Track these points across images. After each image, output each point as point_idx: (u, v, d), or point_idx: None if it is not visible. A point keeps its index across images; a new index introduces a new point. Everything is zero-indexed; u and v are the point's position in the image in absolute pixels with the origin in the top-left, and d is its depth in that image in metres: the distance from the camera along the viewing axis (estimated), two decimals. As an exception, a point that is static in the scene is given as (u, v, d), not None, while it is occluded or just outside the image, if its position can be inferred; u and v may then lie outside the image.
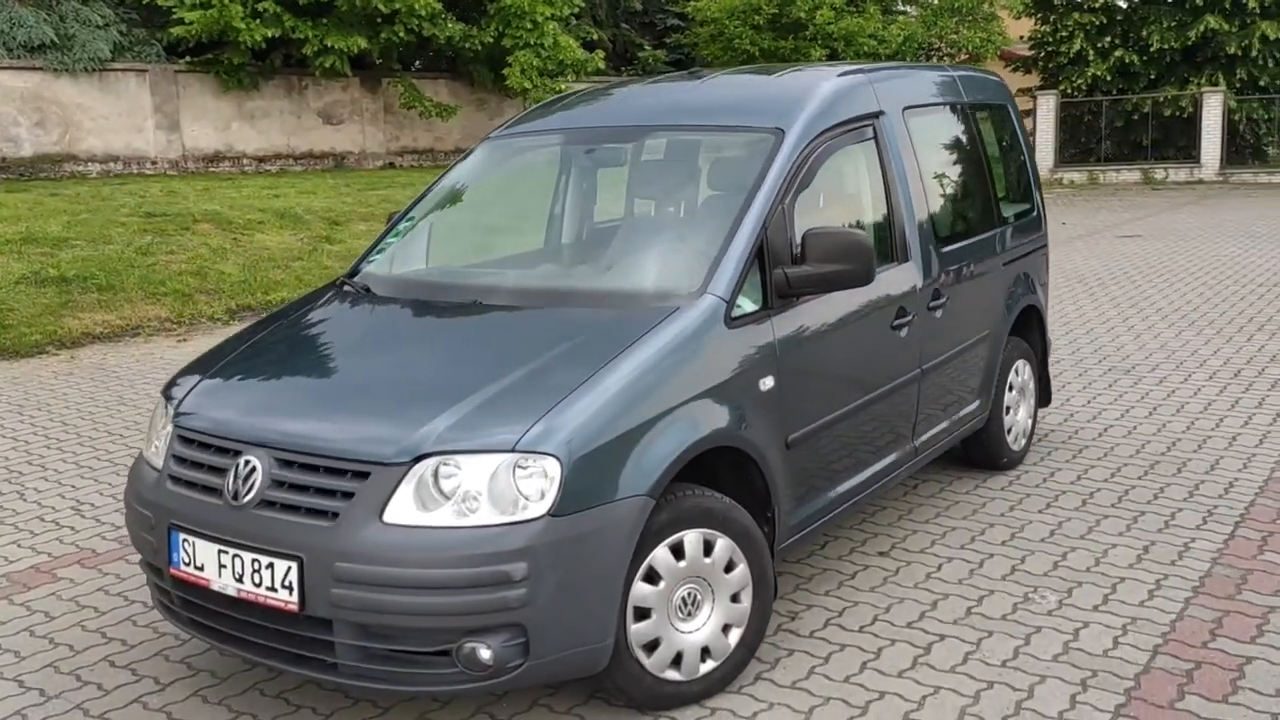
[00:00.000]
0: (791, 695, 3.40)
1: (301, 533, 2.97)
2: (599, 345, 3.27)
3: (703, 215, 3.96)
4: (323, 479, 3.02)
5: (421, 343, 3.58)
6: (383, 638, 2.95)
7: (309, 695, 3.50)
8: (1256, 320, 9.00)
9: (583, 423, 2.99)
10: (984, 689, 3.41)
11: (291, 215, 13.70)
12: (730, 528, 3.34)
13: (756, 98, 4.22)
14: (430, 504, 2.92)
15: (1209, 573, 4.20)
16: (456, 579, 2.85)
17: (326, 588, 2.92)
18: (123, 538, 4.90)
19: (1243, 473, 5.32)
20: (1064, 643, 3.68)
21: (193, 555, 3.17)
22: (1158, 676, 3.44)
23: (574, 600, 2.95)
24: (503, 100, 24.15)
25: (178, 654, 3.82)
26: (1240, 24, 26.15)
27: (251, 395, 3.46)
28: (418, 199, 4.56)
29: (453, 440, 2.95)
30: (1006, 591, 4.10)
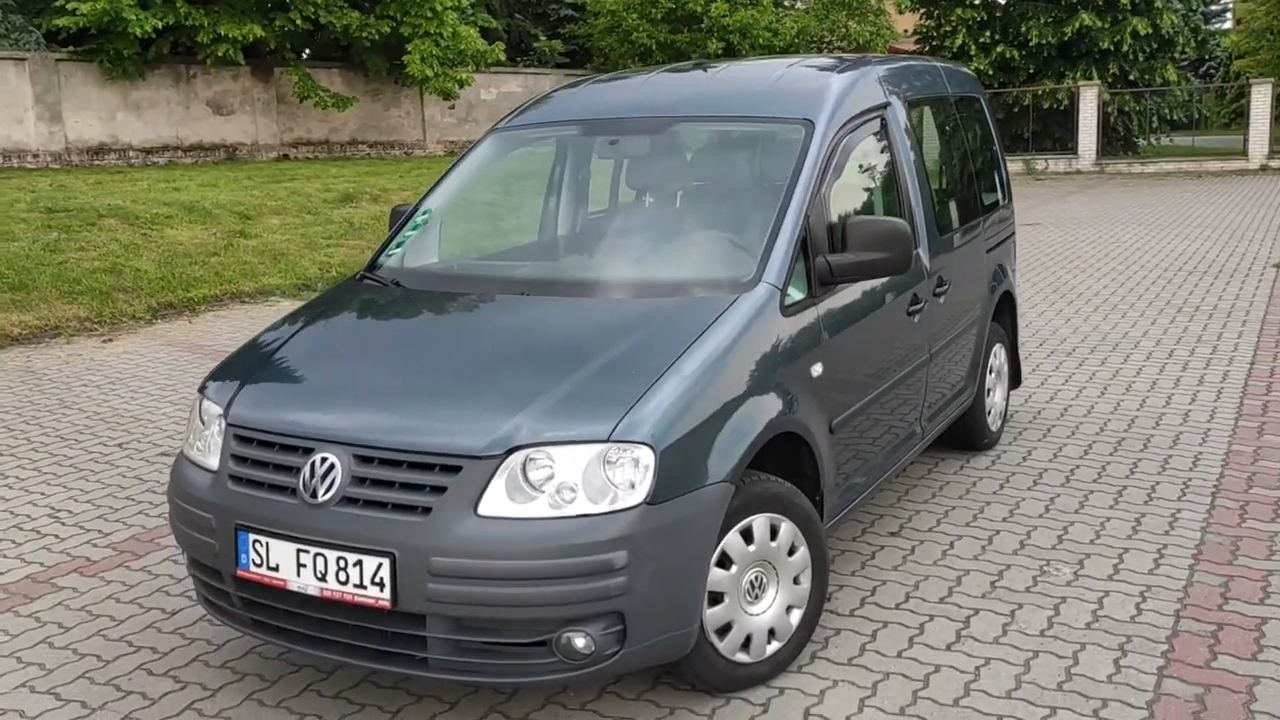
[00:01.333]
0: (851, 672, 3.50)
1: (392, 529, 2.93)
2: (670, 334, 3.30)
3: (744, 205, 4.01)
4: (409, 474, 2.98)
5: (482, 335, 3.56)
6: (478, 630, 2.94)
7: (369, 693, 3.45)
8: (1174, 303, 9.49)
9: (668, 411, 3.02)
10: (1031, 658, 3.56)
11: (199, 209, 13.28)
12: (793, 512, 3.42)
13: (779, 89, 4.29)
14: (524, 496, 2.92)
15: (1202, 541, 4.45)
16: (558, 569, 2.85)
17: (421, 583, 2.89)
18: (116, 544, 4.75)
19: (1204, 446, 5.63)
20: (1092, 611, 3.86)
21: (265, 556, 3.10)
22: (1187, 639, 3.64)
23: (667, 587, 2.99)
24: (399, 91, 23.82)
25: (217, 659, 3.72)
26: (1113, 20, 27.41)
27: (315, 392, 3.39)
28: (429, 191, 4.51)
29: (545, 432, 2.95)
30: (1021, 565, 4.27)
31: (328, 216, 13.81)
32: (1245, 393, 6.61)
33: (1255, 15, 39.24)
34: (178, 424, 6.57)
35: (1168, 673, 3.44)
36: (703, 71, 4.68)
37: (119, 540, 4.80)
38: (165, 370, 8.01)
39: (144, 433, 6.40)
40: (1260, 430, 5.87)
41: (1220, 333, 8.28)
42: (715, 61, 5.06)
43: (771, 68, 4.69)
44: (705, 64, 4.87)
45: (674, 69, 4.96)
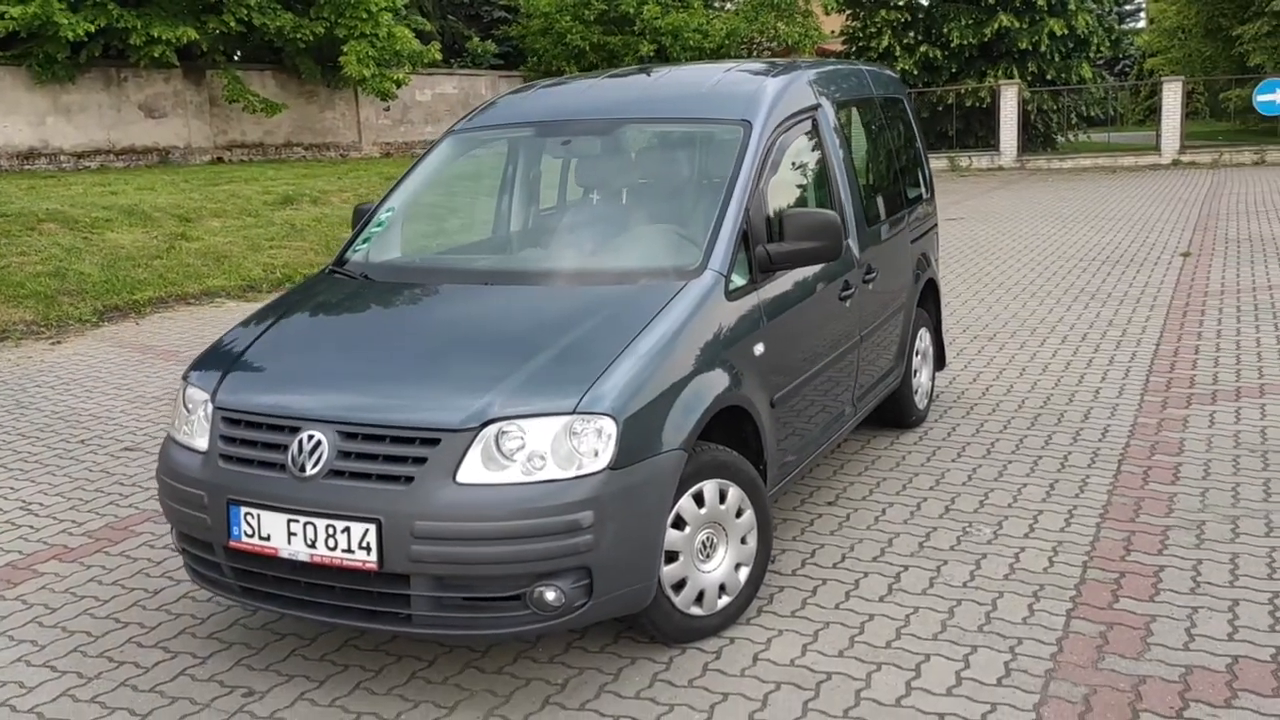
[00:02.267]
0: (794, 622, 3.85)
1: (377, 497, 3.21)
2: (626, 317, 3.62)
3: (689, 199, 4.35)
4: (392, 448, 3.27)
5: (452, 321, 3.85)
6: (458, 587, 3.23)
7: (352, 654, 3.73)
8: (1087, 290, 10.03)
9: (628, 385, 3.34)
10: (955, 605, 3.93)
11: (139, 213, 13.29)
12: (740, 477, 3.75)
13: (717, 93, 4.63)
14: (498, 464, 3.22)
15: (1109, 502, 4.87)
16: (531, 528, 3.16)
17: (406, 545, 3.17)
18: (92, 532, 4.95)
19: (1112, 420, 6.09)
20: (1009, 564, 4.26)
21: (257, 527, 3.36)
22: (1093, 586, 4.04)
23: (628, 544, 3.31)
24: (333, 93, 23.83)
25: (203, 630, 3.96)
26: (1030, 21, 28.29)
27: (298, 377, 3.65)
28: (391, 190, 4.77)
29: (516, 406, 3.25)
30: (946, 528, 4.66)
31: (269, 219, 13.91)
32: (1151, 370, 7.10)
33: (1167, 15, 40.69)
34: (138, 421, 6.74)
35: (1075, 614, 3.83)
36: (645, 76, 5.01)
37: (94, 529, 5.00)
38: (118, 370, 8.14)
39: (104, 430, 6.57)
40: (1164, 404, 6.34)
41: (1130, 317, 8.81)
42: (657, 66, 5.39)
43: (709, 72, 5.03)
44: (648, 69, 5.20)
45: (618, 74, 5.28)
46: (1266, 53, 32.90)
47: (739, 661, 3.59)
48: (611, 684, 3.49)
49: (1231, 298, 9.40)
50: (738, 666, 3.56)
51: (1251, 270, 10.74)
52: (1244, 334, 7.98)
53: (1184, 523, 4.60)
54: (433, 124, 26.39)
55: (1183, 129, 27.49)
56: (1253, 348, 7.57)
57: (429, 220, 4.74)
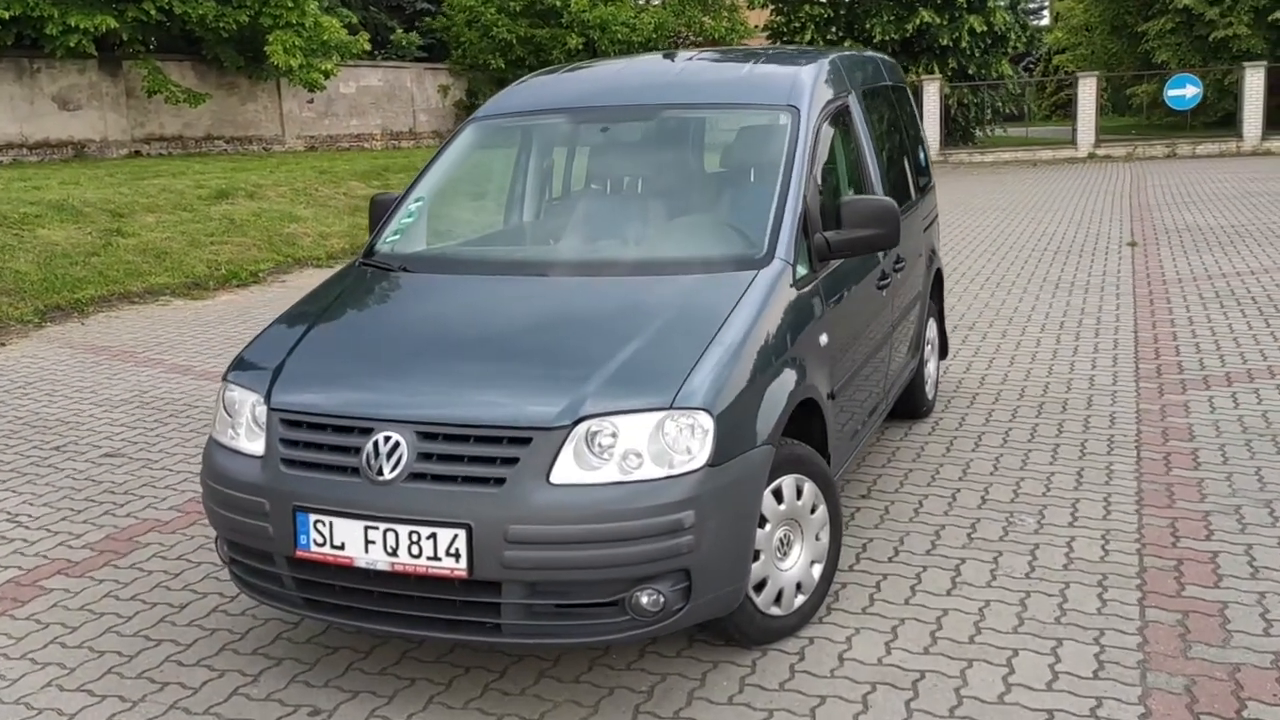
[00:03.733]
0: (868, 619, 3.75)
1: (467, 501, 3.03)
2: (703, 308, 3.48)
3: (744, 186, 4.22)
4: (478, 448, 3.08)
5: (519, 315, 3.66)
6: (552, 594, 3.07)
7: (414, 667, 3.53)
8: (1049, 279, 10.17)
9: (718, 378, 3.20)
10: (1024, 597, 3.88)
11: (68, 208, 12.69)
12: (814, 472, 3.65)
13: (758, 77, 4.51)
14: (593, 463, 3.06)
15: (1140, 489, 4.88)
16: (631, 530, 3.00)
17: (498, 551, 3.00)
18: (92, 544, 4.66)
19: (1115, 407, 6.13)
20: (1065, 554, 4.22)
21: (328, 535, 3.15)
22: (1155, 574, 4.03)
23: (725, 544, 3.17)
24: (255, 85, 23.18)
25: (246, 646, 3.73)
26: (950, 18, 28.74)
27: (364, 375, 3.43)
28: (414, 182, 4.54)
29: (609, 402, 3.09)
30: (989, 518, 4.61)
31: (205, 214, 13.41)
32: (1138, 357, 7.18)
33: (1074, 13, 41.74)
34: (111, 425, 6.39)
35: (1147, 603, 3.80)
36: (671, 61, 4.87)
37: (94, 541, 4.70)
38: (74, 373, 7.73)
39: (78, 436, 6.21)
40: (1160, 390, 6.41)
41: (1100, 305, 8.93)
42: (678, 52, 5.25)
43: (739, 57, 4.91)
44: (671, 54, 5.06)
45: (640, 60, 5.13)
46: (1170, 49, 33.90)
47: (825, 662, 3.49)
48: (700, 690, 3.36)
49: (1190, 285, 9.59)
50: (825, 667, 3.45)
51: (1200, 259, 10.99)
52: (1215, 321, 8.14)
53: (1221, 508, 4.62)
54: (358, 117, 25.84)
55: (1098, 123, 28.22)
56: (1228, 334, 7.71)
57: (461, 210, 4.54)
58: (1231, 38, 31.51)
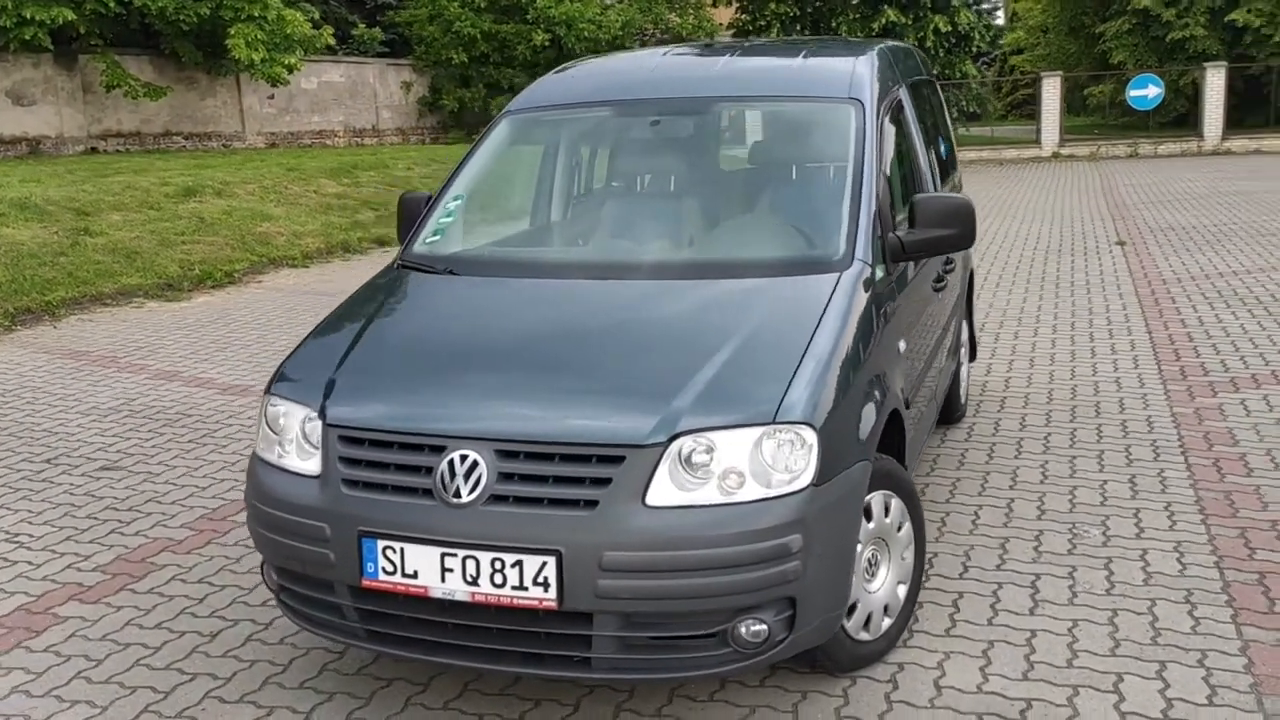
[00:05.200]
0: (954, 643, 3.55)
1: (556, 525, 2.78)
2: (790, 314, 3.26)
3: (813, 183, 3.99)
4: (565, 467, 2.83)
5: (592, 321, 3.39)
6: (649, 625, 2.83)
7: (479, 702, 3.27)
8: (1049, 279, 10.07)
9: (816, 390, 2.98)
10: (1113, 616, 3.69)
11: (32, 206, 12.21)
12: (901, 488, 3.44)
13: (814, 69, 4.29)
14: (691, 483, 2.82)
15: (1199, 498, 4.73)
16: (736, 556, 2.77)
17: (591, 580, 2.75)
18: (103, 566, 4.34)
19: (1148, 410, 5.99)
20: (1141, 569, 4.05)
21: (399, 563, 2.88)
22: (1240, 589, 3.86)
23: (830, 568, 2.95)
24: (215, 80, 22.62)
25: (291, 680, 3.44)
26: (915, 17, 28.78)
27: (431, 388, 3.16)
28: (450, 180, 4.24)
29: (706, 417, 2.86)
30: (1052, 530, 4.43)
31: (174, 212, 12.97)
32: (1158, 359, 7.06)
33: (1032, 14, 42.06)
34: (102, 435, 6.05)
35: (1241, 621, 3.64)
36: (717, 52, 4.63)
37: (105, 563, 4.38)
38: (54, 380, 7.34)
39: (69, 447, 5.86)
40: (1190, 393, 6.28)
41: (1106, 305, 8.83)
42: (718, 42, 5.02)
43: (787, 48, 4.70)
44: (712, 45, 4.83)
45: (681, 50, 4.89)
46: (1127, 50, 34.22)
47: (921, 691, 3.27)
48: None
49: (1189, 285, 9.53)
50: (923, 696, 3.24)
51: (1192, 258, 10.95)
52: (1225, 321, 8.05)
53: (1287, 516, 4.48)
54: (319, 113, 25.33)
55: (1061, 123, 28.41)
56: (1241, 335, 7.62)
57: (502, 209, 4.27)
58: (1188, 39, 31.88)
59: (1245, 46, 31.44)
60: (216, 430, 6.12)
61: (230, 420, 6.31)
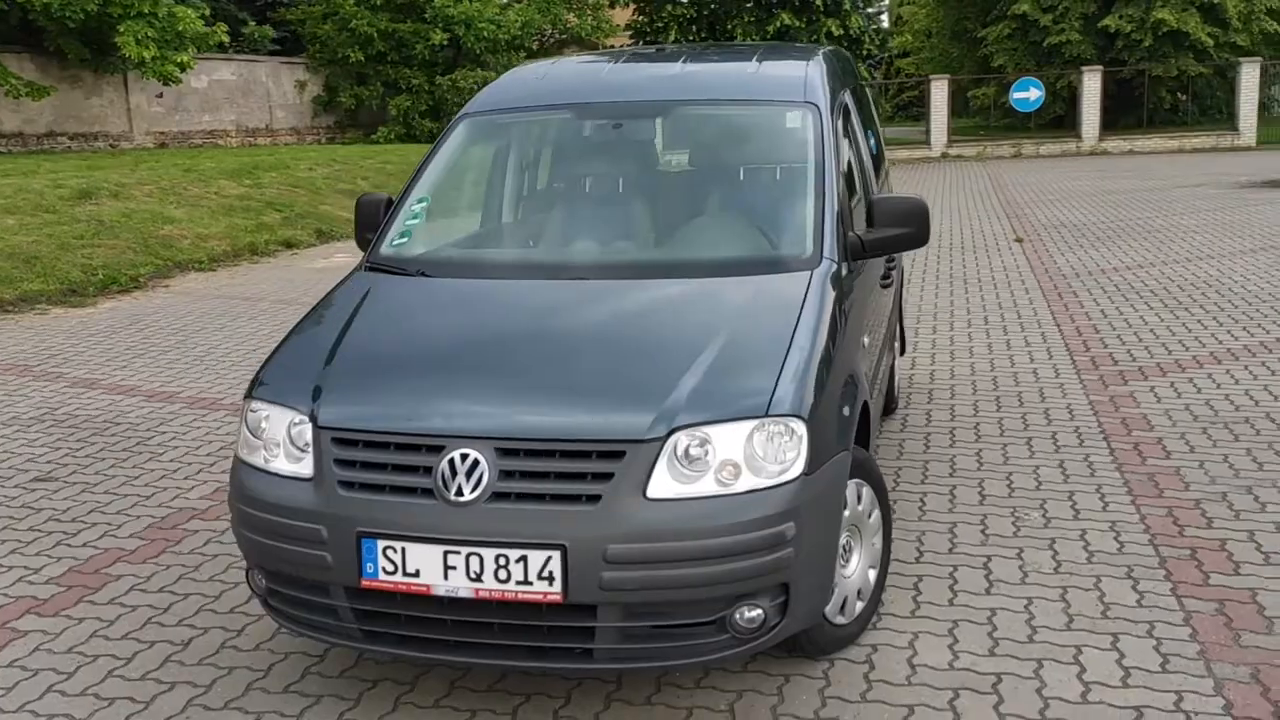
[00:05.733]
0: (921, 623, 3.70)
1: (560, 520, 2.84)
2: (770, 311, 3.37)
3: (780, 184, 4.10)
4: (566, 463, 2.89)
5: (577, 320, 3.45)
6: (650, 615, 2.91)
7: (468, 699, 3.31)
8: (955, 275, 10.43)
9: (803, 383, 3.09)
10: (1063, 593, 3.89)
11: (-83, 209, 11.72)
12: (871, 477, 3.58)
13: (769, 74, 4.41)
14: (689, 476, 2.91)
15: (1125, 479, 5.00)
16: (735, 545, 2.87)
17: (596, 572, 2.82)
18: (55, 579, 4.25)
19: (1067, 399, 6.28)
20: (1084, 548, 4.27)
21: (401, 563, 2.91)
22: (1176, 564, 4.11)
23: (819, 555, 3.07)
24: (101, 79, 21.90)
25: (275, 684, 3.43)
26: (808, 20, 29.36)
27: (424, 388, 3.17)
28: (411, 182, 4.24)
29: (702, 411, 2.95)
30: (995, 514, 4.64)
31: (71, 215, 12.55)
32: (1069, 351, 7.40)
33: (917, 17, 43.19)
34: (29, 446, 5.87)
35: (1181, 594, 3.87)
36: (670, 58, 4.72)
37: (56, 575, 4.28)
38: (-34, 389, 7.08)
39: (-6, 458, 5.68)
40: (1103, 382, 6.61)
41: (1014, 300, 9.19)
42: (669, 48, 5.11)
43: (738, 53, 4.81)
44: (664, 50, 4.93)
45: (634, 55, 4.96)
46: (1007, 54, 35.47)
47: (898, 669, 3.42)
48: (782, 706, 3.24)
49: (1089, 280, 9.97)
50: (900, 675, 3.39)
51: (1087, 254, 11.46)
52: (1125, 314, 8.46)
53: (1208, 495, 4.76)
54: (210, 112, 24.70)
55: (949, 124, 29.29)
56: (1142, 326, 8.02)
57: (468, 210, 4.30)
58: (1064, 43, 33.19)
59: (1117, 51, 32.88)
60: (149, 438, 5.99)
61: (162, 428, 6.18)
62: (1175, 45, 32.03)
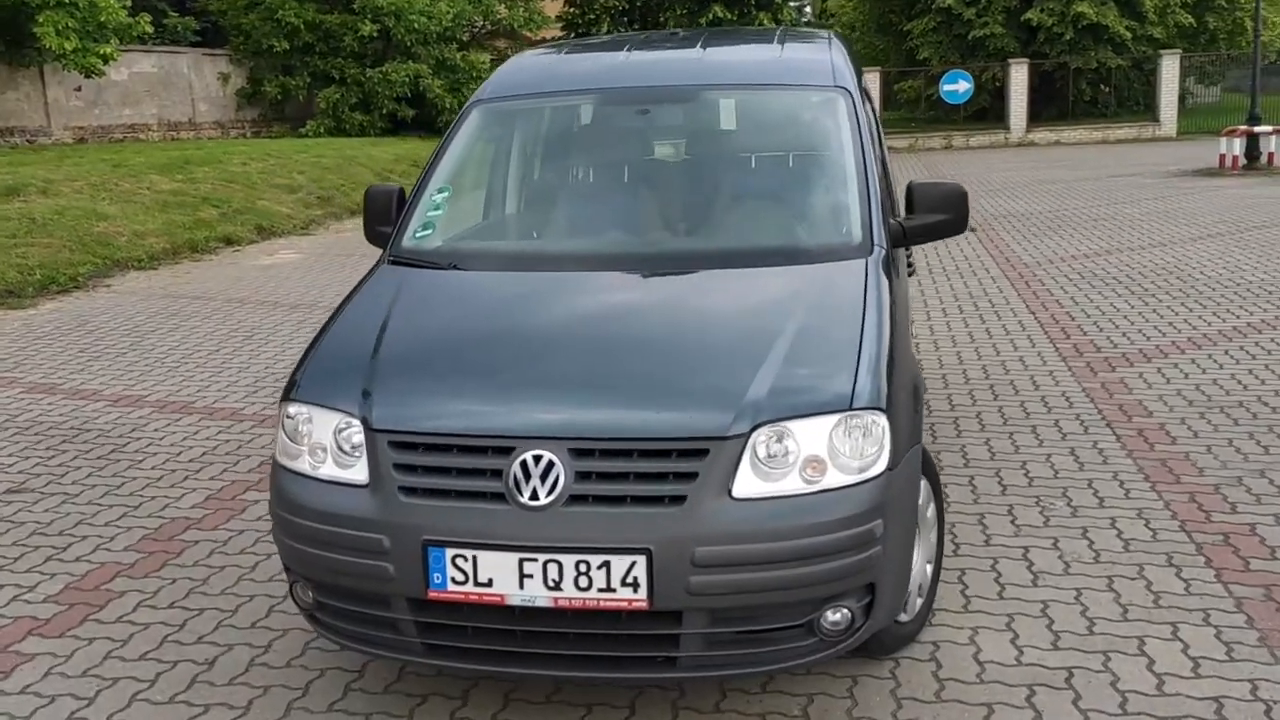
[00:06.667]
0: (976, 619, 3.62)
1: (644, 523, 2.69)
2: (834, 301, 3.26)
3: (822, 170, 3.97)
4: (646, 463, 2.75)
5: (638, 314, 3.29)
6: (737, 620, 2.78)
7: (521, 712, 3.15)
8: (922, 266, 10.43)
9: (879, 375, 2.98)
10: (1110, 583, 3.85)
11: None
12: (929, 471, 3.48)
13: (794, 59, 4.30)
14: (773, 474, 2.78)
15: (1140, 466, 4.99)
16: (825, 545, 2.75)
17: (683, 577, 2.68)
18: (57, 598, 3.98)
19: (1060, 386, 6.28)
20: (1118, 536, 4.24)
21: (472, 572, 2.74)
22: (1213, 550, 4.09)
23: (900, 552, 2.97)
24: (15, 71, 21.03)
25: (317, 703, 3.23)
26: (741, 13, 29.39)
27: (479, 388, 2.99)
28: (427, 173, 4.03)
29: (784, 406, 2.83)
30: (1019, 504, 4.59)
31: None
32: (1050, 339, 7.42)
33: (844, 10, 43.54)
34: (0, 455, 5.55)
35: (1226, 579, 3.85)
36: (687, 41, 4.58)
37: (54, 593, 4.02)
38: (-87, 396, 6.68)
39: (-41, 469, 5.34)
40: (1091, 369, 6.63)
41: (982, 289, 9.23)
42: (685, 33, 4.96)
43: (759, 37, 4.69)
44: (676, 34, 4.78)
45: (647, 39, 4.80)
46: (933, 47, 35.86)
47: (966, 667, 3.33)
48: (857, 709, 3.13)
49: (1050, 268, 10.06)
50: (970, 673, 3.30)
51: (1042, 243, 11.58)
52: (1096, 300, 8.54)
53: (1224, 480, 4.77)
54: (131, 106, 23.89)
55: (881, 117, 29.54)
56: (1115, 313, 8.09)
57: (490, 201, 4.11)
58: (988, 36, 33.67)
59: (1039, 44, 33.44)
60: (124, 445, 5.70)
61: (135, 433, 5.88)
62: (1095, 38, 32.67)
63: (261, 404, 6.38)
